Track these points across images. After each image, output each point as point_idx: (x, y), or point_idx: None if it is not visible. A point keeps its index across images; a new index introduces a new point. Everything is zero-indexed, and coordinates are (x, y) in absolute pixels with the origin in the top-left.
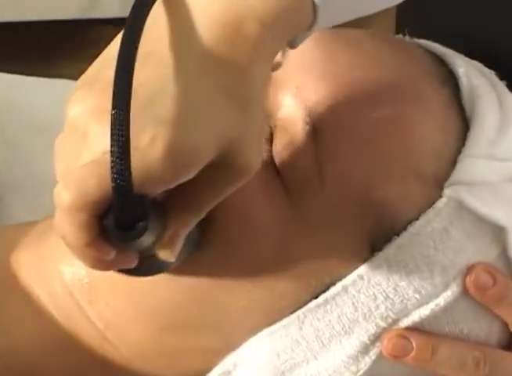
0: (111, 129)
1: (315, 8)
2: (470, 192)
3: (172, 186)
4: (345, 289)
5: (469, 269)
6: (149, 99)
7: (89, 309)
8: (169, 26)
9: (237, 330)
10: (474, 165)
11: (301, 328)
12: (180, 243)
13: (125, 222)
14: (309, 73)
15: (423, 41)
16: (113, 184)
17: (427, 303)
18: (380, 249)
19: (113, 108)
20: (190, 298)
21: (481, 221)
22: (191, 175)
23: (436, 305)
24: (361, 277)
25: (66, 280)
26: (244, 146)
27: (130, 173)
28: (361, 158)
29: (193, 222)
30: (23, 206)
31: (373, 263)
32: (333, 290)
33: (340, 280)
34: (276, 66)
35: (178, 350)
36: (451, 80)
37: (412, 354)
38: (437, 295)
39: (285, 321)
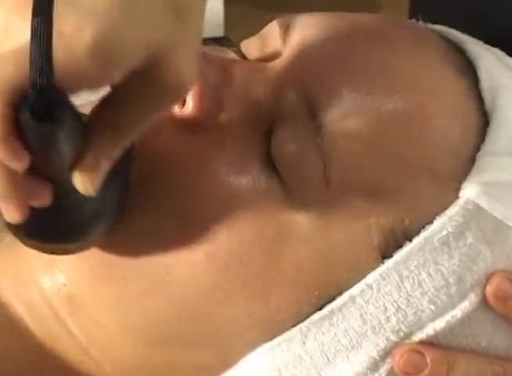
0: (33, 10)
1: None
2: (490, 193)
3: (94, 86)
4: (352, 299)
5: (489, 278)
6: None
7: (70, 321)
8: None
9: (233, 345)
10: (495, 164)
11: (304, 343)
12: (101, 174)
13: (41, 113)
14: (315, 62)
15: (438, 27)
16: (31, 69)
17: (442, 315)
18: (390, 256)
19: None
20: (181, 310)
21: (501, 225)
22: (115, 77)
23: (452, 317)
24: (369, 287)
25: (44, 289)
26: (175, 58)
27: (50, 58)
28: (370, 155)
29: (117, 149)
30: None
31: (382, 271)
32: (339, 300)
33: (346, 289)
34: (276, 55)
35: (168, 367)
36: (469, 69)
37: (427, 371)
38: (453, 306)
39: (286, 335)
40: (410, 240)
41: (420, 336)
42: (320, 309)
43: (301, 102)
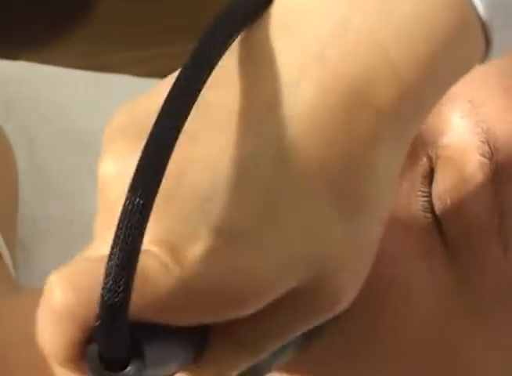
0: (119, 222)
1: (485, 31)
2: None
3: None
4: None
5: None
6: (201, 194)
7: None
8: (243, 84)
9: None
10: None
11: None
12: None
13: (112, 356)
14: (486, 86)
15: None
16: (101, 300)
17: None
18: None
19: (130, 194)
20: None
21: None
22: (247, 312)
23: None
24: None
25: None
26: (343, 270)
27: (129, 290)
28: None
29: (245, 364)
30: (57, 257)
31: None
32: None
33: None
34: None
35: None
36: None
37: None
38: None
39: None
40: None
41: None
42: None
43: None
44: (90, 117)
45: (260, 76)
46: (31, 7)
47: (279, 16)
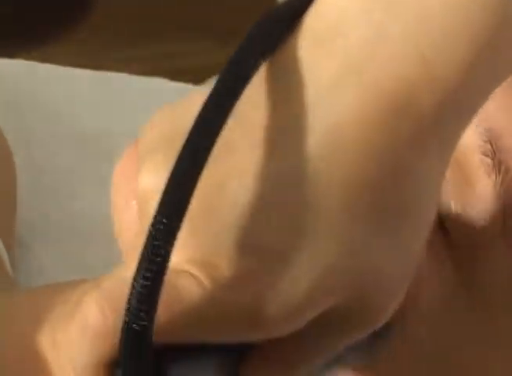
0: (145, 242)
1: None
2: None
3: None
4: None
5: None
6: (238, 210)
7: None
8: (277, 98)
9: None
10: None
11: None
12: None
13: None
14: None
15: None
16: (124, 324)
17: None
18: None
19: (157, 213)
20: None
21: None
22: (284, 332)
23: None
24: None
25: None
26: (384, 284)
27: (153, 314)
28: None
29: None
30: (57, 257)
31: None
32: None
33: None
34: None
35: None
36: None
37: None
38: None
39: None
40: None
41: None
42: None
43: None
44: (89, 116)
45: (293, 91)
46: (31, 6)
47: (311, 27)
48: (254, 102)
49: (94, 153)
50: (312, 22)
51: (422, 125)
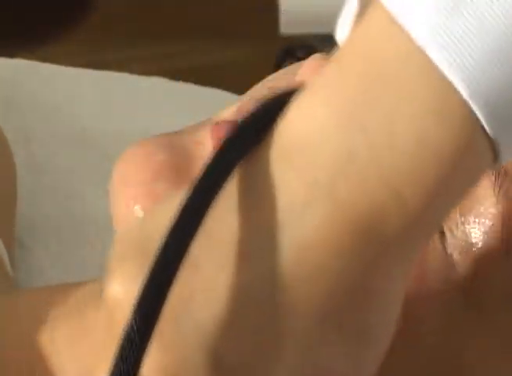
0: (118, 348)
1: (492, 145)
2: None
3: None
4: None
5: None
6: (202, 327)
7: None
8: (243, 213)
9: None
10: None
11: None
12: None
13: None
14: None
15: None
16: None
17: None
18: None
19: (129, 321)
20: None
21: None
22: None
23: None
24: None
25: None
26: None
27: None
28: None
29: None
30: (57, 257)
31: None
32: None
33: None
34: None
35: None
36: None
37: None
38: None
39: None
40: None
41: None
42: None
43: None
44: (89, 115)
45: (260, 205)
46: (30, 5)
47: (280, 144)
48: (221, 216)
49: (94, 153)
50: (279, 138)
51: (385, 245)
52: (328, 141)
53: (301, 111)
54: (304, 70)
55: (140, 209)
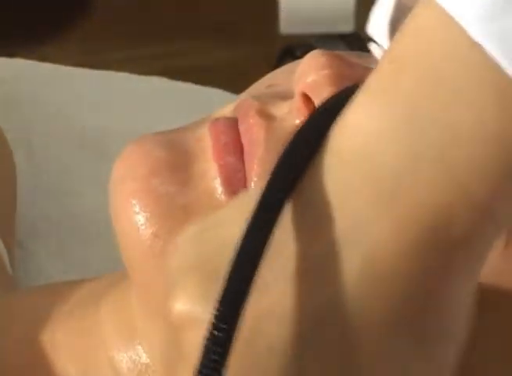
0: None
1: None
2: None
3: None
4: None
5: None
6: (275, 348)
7: None
8: (307, 230)
9: None
10: None
11: None
12: None
13: None
14: None
15: None
16: None
17: None
18: None
19: (207, 342)
20: None
21: None
22: None
23: None
24: None
25: (120, 368)
26: None
27: None
28: None
29: None
30: (57, 257)
31: None
32: None
33: None
34: None
35: None
36: None
37: None
38: None
39: None
40: None
41: None
42: None
43: None
44: (89, 115)
45: (323, 221)
46: (30, 5)
47: (338, 150)
48: (283, 235)
49: (94, 153)
50: (337, 143)
51: (455, 248)
52: (391, 144)
53: (358, 116)
54: (303, 68)
55: (137, 204)
